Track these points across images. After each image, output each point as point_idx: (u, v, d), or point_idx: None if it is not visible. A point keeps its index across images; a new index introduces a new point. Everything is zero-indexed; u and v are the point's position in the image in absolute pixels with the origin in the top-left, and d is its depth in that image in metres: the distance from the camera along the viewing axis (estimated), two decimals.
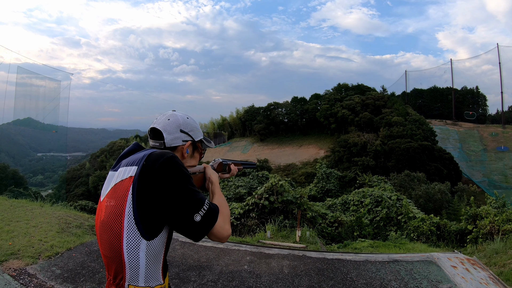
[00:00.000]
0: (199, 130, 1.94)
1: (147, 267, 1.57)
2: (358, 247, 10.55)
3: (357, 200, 19.73)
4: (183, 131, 1.83)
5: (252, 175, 27.17)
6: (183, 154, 1.86)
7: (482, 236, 10.57)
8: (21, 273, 5.13)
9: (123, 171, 1.63)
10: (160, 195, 1.51)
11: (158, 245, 1.59)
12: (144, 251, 1.54)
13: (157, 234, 1.57)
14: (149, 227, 1.54)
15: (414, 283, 5.69)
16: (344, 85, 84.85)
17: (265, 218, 12.56)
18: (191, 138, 1.88)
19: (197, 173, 1.95)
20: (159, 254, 1.61)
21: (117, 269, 1.57)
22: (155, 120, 1.85)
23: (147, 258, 1.56)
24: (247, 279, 5.72)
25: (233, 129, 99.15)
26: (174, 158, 1.59)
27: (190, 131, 1.87)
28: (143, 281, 1.57)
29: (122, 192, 1.56)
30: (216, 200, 1.83)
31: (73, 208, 14.04)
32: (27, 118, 52.28)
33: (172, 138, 1.80)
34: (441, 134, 67.23)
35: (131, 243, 1.52)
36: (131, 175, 1.57)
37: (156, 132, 1.81)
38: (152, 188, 1.51)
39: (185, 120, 1.86)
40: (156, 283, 1.61)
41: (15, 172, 61.02)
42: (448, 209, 29.16)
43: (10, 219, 7.68)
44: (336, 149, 61.49)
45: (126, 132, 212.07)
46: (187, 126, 1.86)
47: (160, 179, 1.52)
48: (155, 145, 1.82)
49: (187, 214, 1.53)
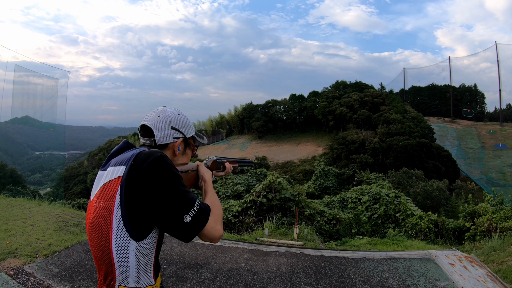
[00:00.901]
0: (190, 126, 1.88)
1: (137, 268, 1.54)
2: (356, 245, 10.56)
3: (355, 198, 19.74)
4: (174, 128, 1.78)
5: (250, 173, 27.18)
6: (175, 151, 1.81)
7: (480, 233, 10.58)
8: (19, 272, 5.11)
9: (112, 171, 1.59)
10: (149, 196, 1.47)
11: (148, 245, 1.56)
12: (133, 252, 1.51)
13: (147, 235, 1.54)
14: (138, 228, 1.50)
15: (412, 280, 5.69)
16: (342, 83, 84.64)
17: (263, 216, 12.58)
18: (183, 135, 1.82)
19: (190, 171, 1.90)
20: (149, 254, 1.58)
21: (107, 269, 1.55)
22: (145, 117, 1.79)
23: (137, 259, 1.53)
24: (245, 276, 5.71)
25: (231, 126, 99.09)
26: (163, 157, 1.55)
27: (181, 127, 1.81)
28: (133, 281, 1.54)
29: (110, 192, 1.52)
30: (208, 199, 1.79)
31: (71, 206, 14.00)
32: (25, 117, 52.13)
33: (163, 135, 1.75)
34: (439, 131, 67.29)
35: (120, 244, 1.49)
36: (119, 175, 1.53)
37: (146, 129, 1.76)
38: (140, 188, 1.48)
39: (176, 117, 1.81)
40: (147, 283, 1.59)
41: (13, 171, 60.93)
42: (446, 206, 29.19)
43: (7, 217, 7.65)
44: (334, 146, 61.44)
45: (124, 130, 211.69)
46: (178, 123, 1.80)
47: (148, 179, 1.48)
48: (145, 143, 1.78)
49: (177, 215, 1.50)
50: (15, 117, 48.01)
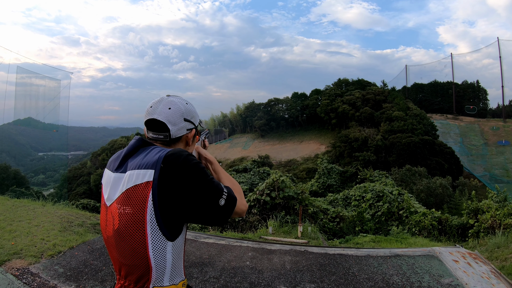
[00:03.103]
0: (197, 113, 1.83)
1: (173, 266, 1.55)
2: (359, 242, 10.56)
3: (359, 195, 19.78)
4: (187, 119, 1.72)
5: (253, 171, 27.25)
6: (188, 142, 1.79)
7: (483, 230, 10.58)
8: (24, 272, 5.15)
9: (136, 174, 1.52)
10: (184, 195, 1.47)
11: (181, 242, 1.58)
12: (170, 252, 1.52)
13: (180, 233, 1.56)
14: (173, 228, 1.51)
15: (416, 277, 5.70)
16: (344, 80, 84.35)
17: (266, 214, 12.59)
18: (194, 125, 1.78)
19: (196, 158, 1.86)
20: (181, 250, 1.60)
21: (141, 274, 1.53)
22: (150, 110, 1.70)
23: (173, 258, 1.54)
24: (249, 275, 5.73)
25: (233, 125, 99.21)
26: (189, 156, 1.56)
27: (191, 118, 1.76)
28: (167, 280, 1.55)
29: (140, 198, 1.48)
30: (224, 179, 1.88)
31: (75, 207, 14.06)
32: (28, 118, 52.16)
33: (178, 128, 1.68)
34: (442, 128, 67.12)
35: (158, 248, 1.49)
36: (148, 180, 1.48)
37: (157, 123, 1.67)
38: (175, 191, 1.46)
39: (186, 107, 1.74)
40: (180, 279, 1.60)
41: (16, 172, 60.92)
42: (449, 203, 29.22)
43: (12, 218, 7.69)
44: (337, 144, 61.35)
45: (126, 130, 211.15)
46: (189, 113, 1.74)
47: (183, 180, 1.47)
48: (158, 138, 1.69)
49: (213, 203, 1.53)
50: (18, 119, 48.15)
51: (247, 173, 31.33)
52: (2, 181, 48.14)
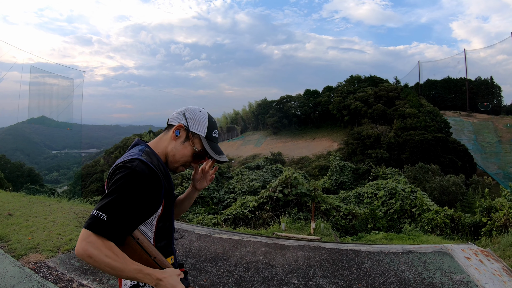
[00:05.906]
0: (201, 125, 1.88)
1: None
2: (372, 239, 10.60)
3: (371, 193, 19.72)
4: (185, 115, 1.88)
5: (266, 168, 27.31)
6: (172, 136, 1.87)
7: (496, 228, 10.55)
8: (41, 266, 5.31)
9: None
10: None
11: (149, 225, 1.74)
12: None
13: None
14: None
15: (428, 273, 5.75)
16: (356, 77, 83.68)
17: (279, 211, 12.67)
18: (186, 124, 1.86)
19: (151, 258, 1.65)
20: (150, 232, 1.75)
21: None
22: None
23: None
24: (263, 269, 5.83)
25: (246, 123, 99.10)
26: (134, 169, 1.59)
27: (190, 118, 1.88)
28: None
29: None
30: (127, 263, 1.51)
31: (89, 203, 14.28)
32: (41, 117, 52.57)
33: (173, 117, 1.90)
34: (455, 125, 66.36)
35: None
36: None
37: None
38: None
39: (193, 110, 1.91)
40: None
41: (30, 170, 61.71)
42: (462, 201, 28.93)
43: (28, 214, 7.90)
44: (349, 141, 61.05)
45: (139, 128, 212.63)
46: (191, 114, 1.89)
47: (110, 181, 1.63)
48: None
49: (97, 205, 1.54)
50: (31, 118, 48.43)
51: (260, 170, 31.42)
52: (16, 178, 48.81)
